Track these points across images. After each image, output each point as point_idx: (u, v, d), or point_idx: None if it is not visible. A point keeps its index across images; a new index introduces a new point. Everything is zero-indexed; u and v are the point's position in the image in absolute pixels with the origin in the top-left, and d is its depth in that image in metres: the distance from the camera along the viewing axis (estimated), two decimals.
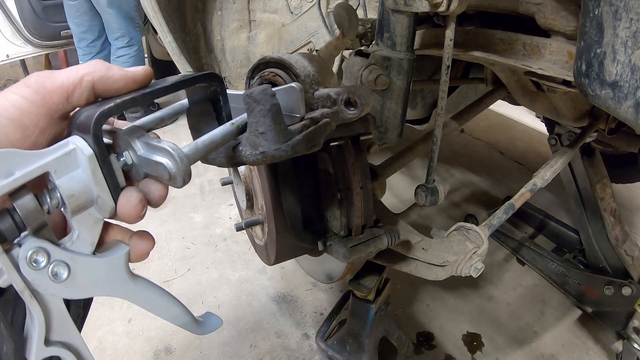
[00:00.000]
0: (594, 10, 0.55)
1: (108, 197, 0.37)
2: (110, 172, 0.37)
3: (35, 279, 0.36)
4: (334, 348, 1.25)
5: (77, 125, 0.38)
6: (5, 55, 3.14)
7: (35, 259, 0.35)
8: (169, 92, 0.42)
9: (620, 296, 1.42)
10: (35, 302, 0.36)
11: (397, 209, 1.01)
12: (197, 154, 0.40)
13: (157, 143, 0.38)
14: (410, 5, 0.74)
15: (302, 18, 1.50)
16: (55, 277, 0.37)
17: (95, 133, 0.35)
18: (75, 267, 0.38)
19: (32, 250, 0.35)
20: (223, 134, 0.43)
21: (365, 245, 0.72)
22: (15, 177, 0.32)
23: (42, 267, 0.36)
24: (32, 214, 0.34)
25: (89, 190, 0.36)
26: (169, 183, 0.38)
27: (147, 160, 0.38)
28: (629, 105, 0.54)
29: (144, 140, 0.39)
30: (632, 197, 2.39)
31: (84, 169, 0.36)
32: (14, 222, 0.34)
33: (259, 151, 0.46)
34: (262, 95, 0.44)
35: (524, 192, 1.15)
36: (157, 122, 0.45)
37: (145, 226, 1.68)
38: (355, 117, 0.58)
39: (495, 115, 3.34)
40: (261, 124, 0.45)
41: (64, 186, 0.35)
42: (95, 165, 0.36)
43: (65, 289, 0.38)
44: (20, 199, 0.34)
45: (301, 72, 0.60)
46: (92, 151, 0.35)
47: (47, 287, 0.37)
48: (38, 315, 0.37)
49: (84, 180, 0.36)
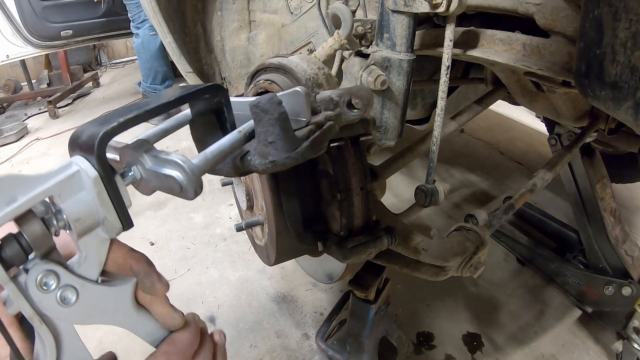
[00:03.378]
0: (594, 11, 0.55)
1: (115, 218, 0.36)
2: (116, 193, 0.36)
3: (44, 303, 0.35)
4: (334, 348, 1.25)
5: (79, 145, 0.37)
6: (5, 55, 3.13)
7: (46, 282, 0.35)
8: (173, 106, 0.41)
9: (620, 296, 1.42)
10: (45, 328, 0.36)
11: (397, 209, 1.01)
12: (206, 164, 0.39)
13: (166, 156, 0.37)
14: (410, 5, 0.75)
15: (302, 18, 1.50)
16: (63, 301, 0.36)
17: (99, 154, 0.34)
18: (84, 292, 0.37)
19: (42, 274, 0.34)
20: (231, 143, 0.43)
21: (365, 246, 0.72)
22: (18, 203, 0.31)
23: (53, 290, 0.35)
24: (40, 238, 0.33)
25: (95, 212, 0.35)
26: (180, 195, 0.37)
27: (156, 174, 0.37)
28: (629, 106, 0.54)
29: (152, 154, 0.38)
30: (632, 197, 2.38)
31: (89, 191, 0.35)
32: (21, 247, 0.33)
33: (269, 160, 0.45)
34: (269, 105, 0.44)
35: (524, 192, 1.15)
36: (161, 134, 0.44)
37: (145, 226, 1.68)
38: (358, 118, 0.58)
39: (495, 115, 3.33)
40: (270, 133, 0.45)
41: (69, 210, 0.34)
42: (101, 187, 0.35)
43: (73, 315, 0.37)
44: (27, 224, 0.33)
45: (302, 76, 0.60)
46: (96, 173, 0.34)
47: (55, 312, 0.36)
48: (48, 340, 0.36)
49: (89, 203, 0.35)
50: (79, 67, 4.58)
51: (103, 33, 3.50)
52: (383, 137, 0.91)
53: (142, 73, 3.41)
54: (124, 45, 5.31)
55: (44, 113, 3.70)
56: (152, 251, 1.98)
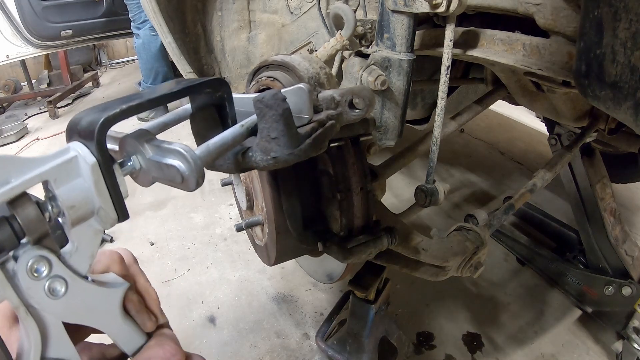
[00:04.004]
0: (594, 11, 0.55)
1: (110, 208, 0.35)
2: (114, 182, 0.35)
3: (32, 292, 0.34)
4: (334, 348, 1.25)
5: (78, 130, 0.36)
6: (5, 55, 3.14)
7: (37, 269, 0.33)
8: (175, 98, 0.40)
9: (620, 296, 1.42)
10: (31, 319, 0.35)
11: (397, 209, 1.01)
12: (209, 155, 0.39)
13: (168, 145, 0.36)
14: (410, 6, 0.75)
15: (302, 18, 1.50)
16: (52, 292, 0.35)
17: (99, 140, 0.33)
18: (73, 286, 0.36)
19: (34, 260, 0.33)
20: (234, 136, 0.42)
21: (365, 246, 0.72)
22: (11, 185, 0.30)
23: (43, 278, 0.34)
24: (34, 222, 0.32)
25: (91, 201, 0.34)
26: (181, 187, 0.36)
27: (157, 164, 0.36)
28: (629, 106, 0.54)
29: (153, 144, 0.37)
30: (632, 197, 2.38)
31: (85, 178, 0.34)
32: (14, 231, 0.32)
33: (271, 156, 0.45)
34: (273, 100, 0.44)
35: (524, 192, 1.15)
36: (161, 127, 0.44)
37: (145, 226, 1.68)
38: (360, 118, 0.58)
39: (495, 115, 3.33)
40: (273, 129, 0.44)
41: (64, 196, 0.33)
42: (98, 174, 0.34)
43: (59, 309, 0.36)
44: (21, 207, 0.32)
45: (305, 74, 0.60)
46: (95, 159, 0.33)
47: (42, 303, 0.35)
48: (34, 332, 0.35)
49: (85, 191, 0.34)
50: (79, 67, 4.59)
51: (103, 33, 3.50)
52: (383, 137, 0.91)
53: (142, 74, 3.42)
54: (124, 45, 5.31)
55: (44, 113, 3.71)
56: (152, 251, 1.98)
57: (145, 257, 1.94)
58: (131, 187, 0.37)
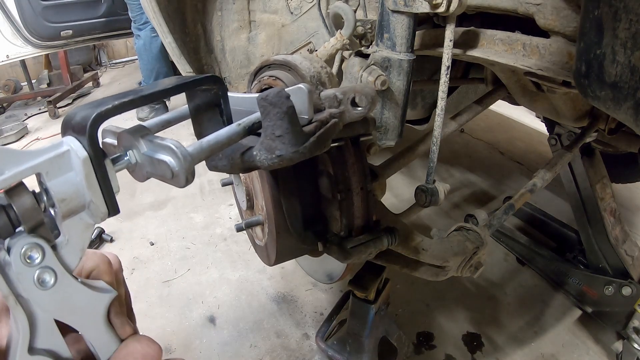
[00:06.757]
0: (594, 11, 0.55)
1: (101, 202, 0.36)
2: (105, 176, 0.35)
3: (22, 278, 0.34)
4: (334, 348, 1.25)
5: (72, 125, 0.36)
6: (5, 55, 3.13)
7: (30, 255, 0.34)
8: (169, 94, 0.41)
9: (620, 296, 1.42)
10: (19, 308, 0.35)
11: (397, 209, 1.01)
12: (201, 153, 0.39)
13: (161, 141, 0.37)
14: (410, 6, 0.75)
15: (302, 18, 1.50)
16: (41, 283, 0.35)
17: (91, 135, 0.34)
18: (62, 280, 0.36)
19: (28, 246, 0.34)
20: (229, 135, 0.42)
21: (365, 246, 0.72)
22: (4, 176, 0.31)
23: (35, 265, 0.34)
24: (30, 211, 0.33)
25: (82, 194, 0.35)
26: (171, 182, 0.37)
27: (150, 159, 0.37)
28: (629, 106, 0.54)
29: (148, 139, 0.38)
30: (632, 197, 2.39)
31: (77, 172, 0.34)
32: (9, 219, 0.32)
33: (276, 155, 0.45)
34: (277, 98, 0.44)
35: (524, 192, 1.15)
36: (163, 124, 0.44)
37: (145, 226, 1.68)
38: (362, 116, 0.58)
39: (495, 115, 3.33)
40: (278, 127, 0.44)
41: (56, 189, 0.34)
42: (90, 169, 0.34)
43: (45, 301, 0.36)
44: (17, 196, 0.33)
45: (306, 73, 0.60)
46: (86, 154, 0.34)
47: (30, 292, 0.35)
48: (22, 322, 0.35)
49: (76, 184, 0.34)
50: (79, 67, 4.59)
51: (103, 33, 3.50)
52: (383, 137, 0.91)
53: (143, 74, 3.42)
54: (124, 45, 5.31)
55: (44, 113, 3.71)
56: (152, 251, 1.98)
57: (145, 257, 1.94)
58: (131, 188, 0.37)
